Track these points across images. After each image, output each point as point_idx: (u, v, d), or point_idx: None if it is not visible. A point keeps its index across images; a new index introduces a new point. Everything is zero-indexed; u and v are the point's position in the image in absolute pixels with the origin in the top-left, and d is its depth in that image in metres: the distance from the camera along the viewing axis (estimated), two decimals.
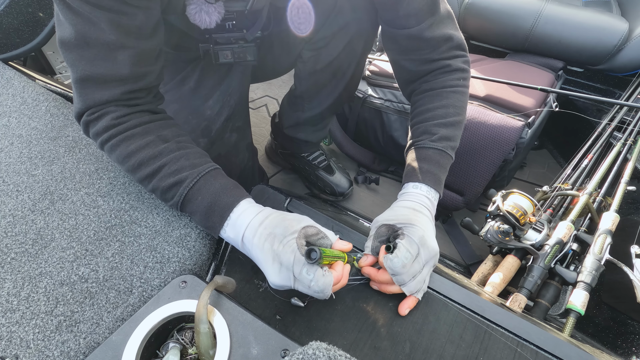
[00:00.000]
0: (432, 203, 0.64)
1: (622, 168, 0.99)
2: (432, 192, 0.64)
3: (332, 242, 0.54)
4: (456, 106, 0.70)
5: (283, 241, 0.50)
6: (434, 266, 0.59)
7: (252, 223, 0.53)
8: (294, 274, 0.49)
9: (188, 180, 0.56)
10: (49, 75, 1.24)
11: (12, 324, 0.49)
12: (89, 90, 0.57)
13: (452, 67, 0.72)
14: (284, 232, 0.51)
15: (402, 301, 0.56)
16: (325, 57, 0.88)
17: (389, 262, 0.54)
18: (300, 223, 0.53)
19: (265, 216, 0.54)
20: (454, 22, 0.72)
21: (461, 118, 0.71)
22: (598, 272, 0.76)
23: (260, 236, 0.52)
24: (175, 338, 0.48)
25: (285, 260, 0.49)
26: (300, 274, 0.49)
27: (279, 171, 1.36)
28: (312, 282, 0.48)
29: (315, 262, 0.48)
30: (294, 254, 0.49)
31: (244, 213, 0.55)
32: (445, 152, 0.67)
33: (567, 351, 0.51)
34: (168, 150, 0.58)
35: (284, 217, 0.54)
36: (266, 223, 0.53)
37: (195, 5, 0.61)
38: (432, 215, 0.62)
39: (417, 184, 0.64)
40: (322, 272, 0.49)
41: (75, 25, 0.53)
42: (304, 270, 0.48)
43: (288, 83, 1.69)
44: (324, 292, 0.49)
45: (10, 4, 0.94)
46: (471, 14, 1.32)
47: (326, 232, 0.55)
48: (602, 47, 1.20)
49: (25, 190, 0.65)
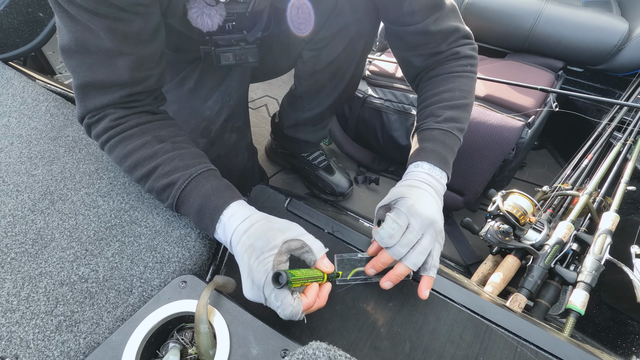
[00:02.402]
0: (436, 180, 0.61)
1: (622, 168, 0.99)
2: (435, 169, 0.61)
3: (316, 259, 0.51)
4: (462, 89, 0.68)
5: (260, 257, 0.48)
6: (438, 238, 0.55)
7: (238, 229, 0.52)
8: (265, 295, 0.47)
9: (180, 182, 0.56)
10: (49, 75, 1.24)
11: (12, 324, 0.49)
12: (90, 95, 0.58)
13: (460, 55, 0.71)
14: (263, 247, 0.48)
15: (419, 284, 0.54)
16: (325, 58, 0.88)
17: (377, 235, 0.53)
18: (285, 234, 0.50)
19: (252, 223, 0.52)
20: (459, 15, 0.72)
21: (468, 101, 0.69)
22: (598, 272, 0.76)
23: (242, 245, 0.50)
24: (175, 338, 0.48)
25: (256, 280, 0.47)
26: (269, 297, 0.47)
27: (279, 171, 1.36)
28: (279, 309, 0.46)
29: (283, 287, 0.45)
30: (266, 274, 0.47)
31: (233, 216, 0.53)
32: (450, 132, 0.65)
33: (567, 351, 0.51)
34: (163, 150, 0.58)
35: (269, 226, 0.51)
36: (250, 232, 0.51)
37: (197, 9, 0.61)
38: (435, 191, 0.59)
39: (418, 162, 0.62)
40: (290, 299, 0.46)
41: (75, 33, 0.53)
42: (272, 295, 0.46)
43: (288, 83, 1.69)
44: (292, 318, 0.47)
45: (10, 4, 0.94)
46: (471, 14, 1.32)
47: (312, 246, 0.51)
48: (602, 47, 1.20)
49: (25, 190, 0.65)
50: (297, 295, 0.48)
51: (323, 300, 0.51)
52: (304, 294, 0.49)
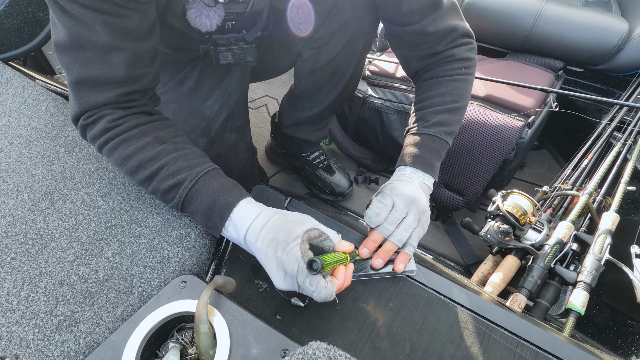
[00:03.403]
0: (420, 181, 0.65)
1: (622, 168, 0.99)
2: (418, 172, 0.65)
3: (334, 244, 0.54)
4: (454, 94, 0.70)
5: (286, 248, 0.50)
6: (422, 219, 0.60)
7: (254, 226, 0.53)
8: (298, 282, 0.49)
9: (187, 181, 0.56)
10: (49, 75, 1.24)
11: (12, 324, 0.49)
12: (84, 93, 0.57)
13: (456, 57, 0.72)
14: (287, 238, 0.51)
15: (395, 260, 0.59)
16: (325, 56, 0.88)
17: (365, 217, 0.60)
18: (303, 225, 0.52)
19: (267, 218, 0.53)
20: (459, 12, 0.72)
21: (459, 105, 0.71)
22: (598, 272, 0.76)
23: (263, 241, 0.52)
24: (175, 338, 0.48)
25: (289, 269, 0.49)
26: (303, 284, 0.49)
27: (279, 171, 1.36)
28: (315, 293, 0.49)
29: (317, 272, 0.48)
30: (298, 263, 0.49)
31: (245, 213, 0.55)
32: (437, 136, 0.67)
33: (567, 351, 0.51)
34: (166, 151, 0.58)
35: (285, 219, 0.53)
36: (268, 227, 0.52)
37: (196, 10, 0.61)
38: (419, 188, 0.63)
39: (402, 167, 0.67)
40: (324, 283, 0.49)
41: (70, 28, 0.53)
42: (307, 281, 0.49)
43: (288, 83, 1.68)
44: (326, 300, 0.50)
45: (10, 4, 0.94)
46: (471, 14, 1.32)
47: (329, 234, 0.54)
48: (602, 47, 1.20)
49: (25, 190, 0.65)
50: (329, 279, 0.51)
51: (349, 279, 0.54)
52: (334, 276, 0.53)
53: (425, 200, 0.62)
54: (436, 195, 1.14)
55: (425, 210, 0.60)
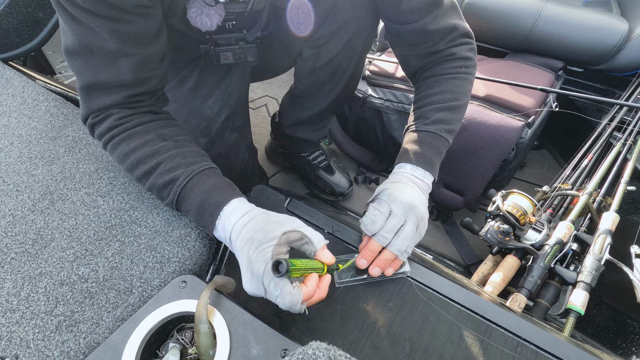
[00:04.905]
0: (419, 179, 0.63)
1: (622, 168, 0.99)
2: (418, 170, 0.63)
3: (315, 250, 0.51)
4: (454, 92, 0.69)
5: (259, 248, 0.48)
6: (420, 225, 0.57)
7: (237, 224, 0.52)
8: (264, 285, 0.47)
9: (181, 178, 0.56)
10: (49, 75, 1.24)
11: (12, 324, 0.49)
12: (94, 96, 0.59)
13: (456, 56, 0.71)
14: (263, 238, 0.48)
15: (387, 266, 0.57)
16: (325, 55, 0.88)
17: (361, 225, 0.57)
18: (283, 227, 0.50)
19: (251, 218, 0.52)
20: (459, 12, 0.72)
21: (460, 103, 0.69)
22: (598, 272, 0.76)
23: (241, 239, 0.50)
24: (175, 338, 0.48)
25: (255, 270, 0.47)
26: (268, 287, 0.46)
27: (279, 171, 1.36)
28: (279, 298, 0.46)
29: (283, 275, 0.45)
30: (265, 264, 0.46)
31: (233, 212, 0.53)
32: (437, 134, 0.66)
33: (567, 351, 0.51)
34: (166, 148, 0.58)
35: (268, 219, 0.51)
36: (250, 225, 0.51)
37: (196, 9, 0.61)
38: (418, 187, 0.61)
39: (401, 164, 0.65)
40: (290, 288, 0.46)
41: (79, 35, 0.54)
42: (271, 284, 0.46)
43: (288, 83, 1.69)
44: (291, 309, 0.46)
45: (10, 4, 0.94)
46: (471, 14, 1.32)
47: (312, 238, 0.51)
48: (602, 47, 1.20)
49: (25, 190, 0.65)
50: (296, 284, 0.47)
51: (324, 291, 0.50)
52: (303, 283, 0.49)
53: (424, 205, 0.59)
54: (436, 195, 1.14)
55: (423, 217, 0.57)
